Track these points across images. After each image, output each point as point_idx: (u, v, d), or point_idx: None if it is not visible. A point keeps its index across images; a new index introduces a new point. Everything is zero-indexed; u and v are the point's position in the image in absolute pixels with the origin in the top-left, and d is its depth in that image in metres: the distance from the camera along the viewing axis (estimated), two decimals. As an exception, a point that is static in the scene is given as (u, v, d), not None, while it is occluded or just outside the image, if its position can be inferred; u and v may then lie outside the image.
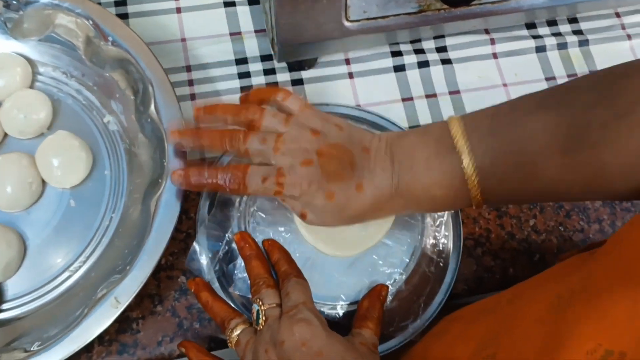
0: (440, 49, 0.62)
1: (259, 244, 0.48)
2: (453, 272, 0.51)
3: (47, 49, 0.55)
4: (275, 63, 0.60)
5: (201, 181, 0.45)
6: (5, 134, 0.52)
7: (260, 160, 0.44)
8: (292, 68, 0.60)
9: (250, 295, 0.46)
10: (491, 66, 0.62)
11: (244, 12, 0.62)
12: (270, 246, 0.48)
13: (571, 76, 0.63)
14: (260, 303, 0.43)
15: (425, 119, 0.59)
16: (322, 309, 0.48)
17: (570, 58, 0.63)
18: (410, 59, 0.61)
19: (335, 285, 0.49)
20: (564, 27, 0.65)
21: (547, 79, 0.62)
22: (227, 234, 0.49)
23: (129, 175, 0.52)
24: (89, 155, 0.52)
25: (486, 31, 0.63)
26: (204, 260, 0.49)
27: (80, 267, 0.50)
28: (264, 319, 0.43)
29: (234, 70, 0.59)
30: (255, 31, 0.61)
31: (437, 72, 0.61)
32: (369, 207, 0.43)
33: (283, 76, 0.60)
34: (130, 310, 0.50)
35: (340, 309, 0.48)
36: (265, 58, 0.60)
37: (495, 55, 0.63)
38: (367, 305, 0.47)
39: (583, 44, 0.64)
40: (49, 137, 0.51)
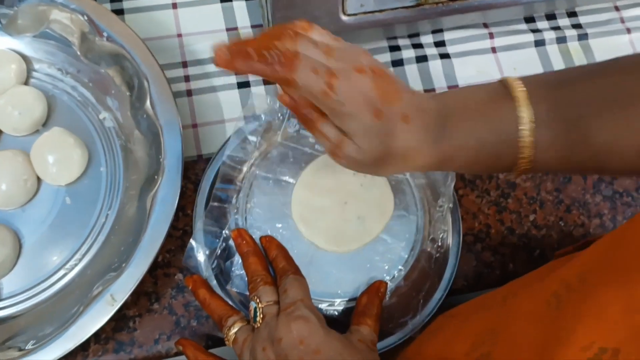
0: (439, 44, 0.62)
1: (256, 240, 0.48)
2: (452, 268, 0.50)
3: (42, 45, 0.54)
4: (272, 58, 0.59)
5: (248, 59, 0.36)
6: (0, 131, 0.52)
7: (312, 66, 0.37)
8: (290, 63, 0.59)
9: (247, 292, 0.45)
10: (490, 60, 0.62)
11: (240, 7, 0.61)
12: (268, 243, 0.48)
13: (570, 70, 0.62)
14: (258, 300, 0.43)
15: (423, 114, 0.59)
16: (320, 305, 0.48)
17: (569, 52, 0.63)
18: (408, 54, 0.61)
19: (333, 282, 0.49)
20: (563, 21, 0.64)
21: (547, 74, 0.62)
22: (224, 231, 0.49)
23: (125, 172, 0.52)
24: (84, 152, 0.51)
25: (485, 25, 0.63)
26: (201, 258, 0.48)
27: (76, 265, 0.49)
28: (261, 316, 0.42)
29: (231, 65, 0.59)
30: (252, 26, 0.61)
31: (436, 67, 0.61)
32: (410, 143, 0.38)
33: (280, 71, 0.59)
34: (127, 308, 0.50)
35: (338, 306, 0.48)
36: (262, 53, 0.60)
37: (494, 50, 0.62)
38: (366, 301, 0.47)
39: (582, 37, 0.63)
40: (44, 134, 0.51)
